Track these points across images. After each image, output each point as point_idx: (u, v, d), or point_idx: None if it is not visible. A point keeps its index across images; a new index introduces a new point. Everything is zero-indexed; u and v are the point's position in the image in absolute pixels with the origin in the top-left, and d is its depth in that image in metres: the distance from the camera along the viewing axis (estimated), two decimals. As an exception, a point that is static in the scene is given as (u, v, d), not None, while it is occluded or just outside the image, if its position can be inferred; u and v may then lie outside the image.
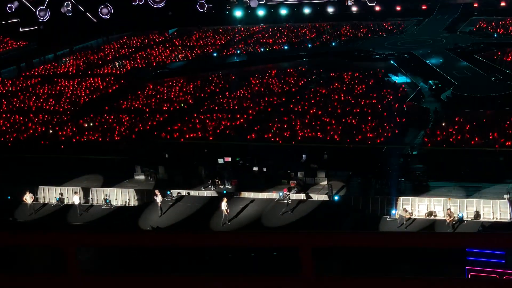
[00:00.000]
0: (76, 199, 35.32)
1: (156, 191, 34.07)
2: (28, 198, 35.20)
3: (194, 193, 35.84)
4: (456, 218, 30.54)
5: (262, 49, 70.44)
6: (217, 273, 4.05)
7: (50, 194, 37.15)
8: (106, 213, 35.40)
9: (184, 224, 32.44)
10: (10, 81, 64.33)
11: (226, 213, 32.07)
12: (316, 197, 34.01)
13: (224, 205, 32.10)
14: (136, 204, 36.17)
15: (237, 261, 25.94)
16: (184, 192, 35.73)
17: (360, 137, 41.14)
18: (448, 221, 30.27)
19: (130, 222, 33.17)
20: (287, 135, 42.76)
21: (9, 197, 36.70)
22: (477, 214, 31.06)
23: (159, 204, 33.85)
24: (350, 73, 56.63)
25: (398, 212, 31.28)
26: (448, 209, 30.86)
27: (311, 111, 47.18)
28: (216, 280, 4.00)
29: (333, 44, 70.00)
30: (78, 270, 4.07)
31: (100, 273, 4.12)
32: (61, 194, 36.78)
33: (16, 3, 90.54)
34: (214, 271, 4.13)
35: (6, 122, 50.55)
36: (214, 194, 35.44)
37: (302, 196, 33.98)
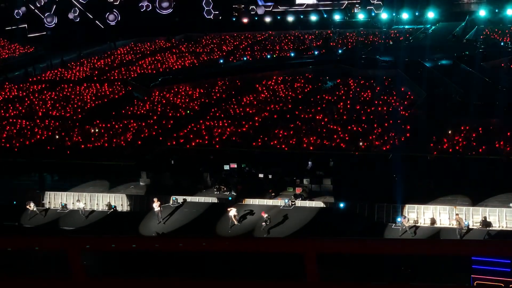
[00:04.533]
0: (80, 205, 35.37)
1: (155, 199, 33.85)
2: (31, 205, 35.24)
3: (200, 199, 35.81)
4: (464, 226, 30.38)
5: (268, 56, 70.43)
6: (222, 278, 4.02)
7: (55, 200, 37.19)
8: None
9: (188, 230, 32.39)
10: (17, 86, 64.45)
11: (234, 220, 32.14)
12: (321, 204, 33.96)
13: (233, 212, 32.18)
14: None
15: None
16: (189, 199, 35.69)
17: (366, 144, 41.08)
18: (458, 226, 30.05)
19: (133, 227, 33.13)
20: (293, 142, 42.70)
21: (15, 202, 36.77)
22: (483, 223, 30.93)
23: (157, 212, 33.52)
24: (356, 80, 56.56)
25: (404, 222, 31.09)
26: (456, 215, 30.70)
27: (317, 118, 47.13)
28: (221, 285, 3.97)
29: (340, 51, 69.93)
30: (82, 273, 4.06)
31: (104, 276, 4.10)
32: (66, 200, 36.82)
33: (23, 9, 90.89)
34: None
35: (12, 127, 50.63)
36: (219, 200, 35.43)
37: (307, 203, 33.97)
